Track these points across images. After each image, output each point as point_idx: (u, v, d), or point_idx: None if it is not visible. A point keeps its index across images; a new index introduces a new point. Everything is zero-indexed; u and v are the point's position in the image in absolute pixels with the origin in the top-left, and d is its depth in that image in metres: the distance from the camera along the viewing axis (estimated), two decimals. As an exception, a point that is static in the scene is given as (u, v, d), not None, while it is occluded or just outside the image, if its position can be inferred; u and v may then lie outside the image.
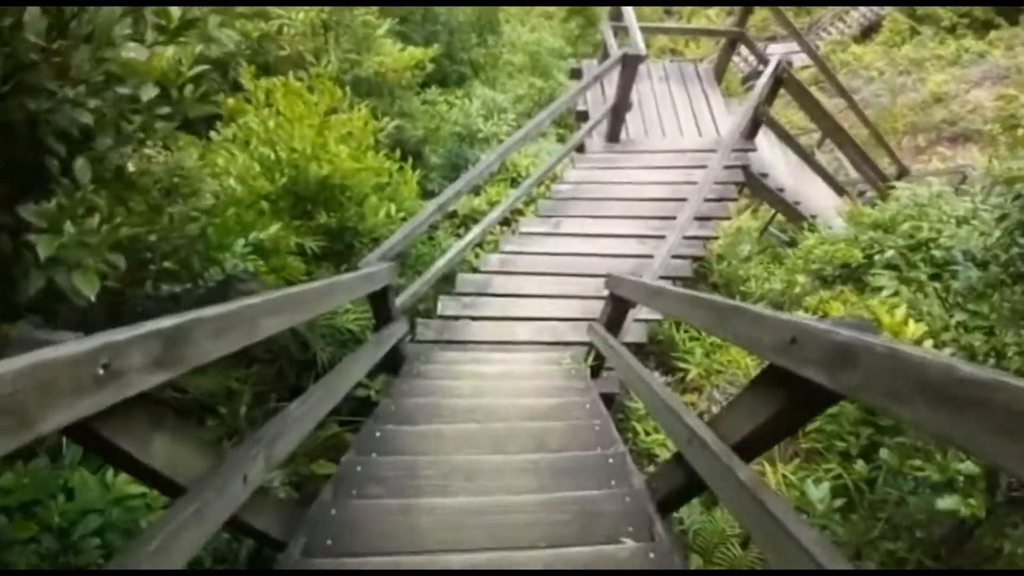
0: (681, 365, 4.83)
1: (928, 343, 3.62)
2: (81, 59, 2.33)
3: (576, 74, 8.47)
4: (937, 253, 3.41)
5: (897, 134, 17.77)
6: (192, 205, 3.61)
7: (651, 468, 3.71)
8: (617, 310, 3.83)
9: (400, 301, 4.53)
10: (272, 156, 5.02)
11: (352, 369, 2.98)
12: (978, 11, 22.77)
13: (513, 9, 21.07)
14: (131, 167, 3.22)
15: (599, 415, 3.45)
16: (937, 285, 3.44)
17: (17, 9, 2.27)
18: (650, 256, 5.40)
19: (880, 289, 5.33)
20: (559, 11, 16.06)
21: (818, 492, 2.62)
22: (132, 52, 2.37)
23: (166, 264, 3.75)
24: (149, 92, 2.67)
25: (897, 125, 18.02)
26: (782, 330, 1.44)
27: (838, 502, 2.64)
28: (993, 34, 21.17)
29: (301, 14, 6.28)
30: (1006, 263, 2.67)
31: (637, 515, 2.28)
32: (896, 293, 3.57)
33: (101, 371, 1.09)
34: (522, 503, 2.36)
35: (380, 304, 3.99)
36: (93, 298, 2.47)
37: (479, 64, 10.22)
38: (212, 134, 5.30)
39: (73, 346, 1.04)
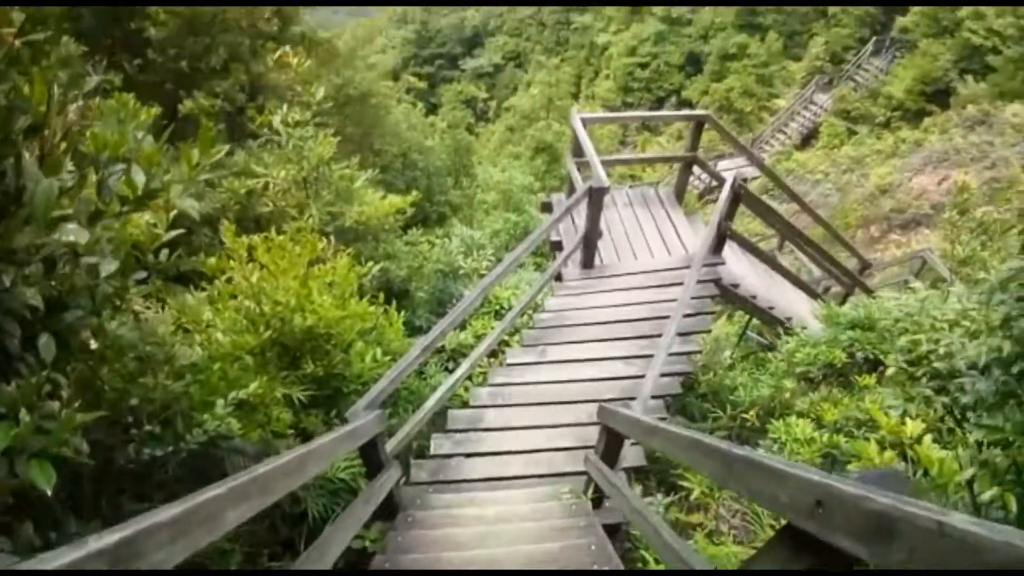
0: (684, 484, 4.51)
1: (928, 438, 3.39)
2: (23, 242, 2.19)
3: (547, 207, 8.62)
4: (939, 365, 3.24)
5: (851, 228, 18.13)
6: (166, 374, 3.39)
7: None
8: (612, 441, 3.57)
9: (391, 446, 4.24)
10: (257, 309, 4.87)
11: (338, 536, 2.67)
12: (910, 103, 23.99)
13: (484, 151, 22.01)
14: (94, 343, 3.02)
15: (604, 556, 3.12)
16: (944, 399, 3.23)
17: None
18: (638, 377, 5.20)
19: (867, 387, 5.14)
20: (526, 150, 16.75)
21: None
22: (72, 235, 2.23)
23: (147, 427, 3.50)
24: (108, 267, 2.53)
25: (849, 220, 18.40)
26: (805, 491, 1.20)
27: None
28: (927, 121, 22.08)
29: (283, 172, 6.37)
30: (1019, 374, 2.49)
31: None
32: (905, 412, 3.35)
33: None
34: None
35: (370, 454, 3.70)
36: (50, 491, 2.19)
37: (456, 204, 10.46)
38: (196, 291, 5.19)
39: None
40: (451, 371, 5.93)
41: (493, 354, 6.09)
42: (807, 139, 26.87)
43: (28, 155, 2.56)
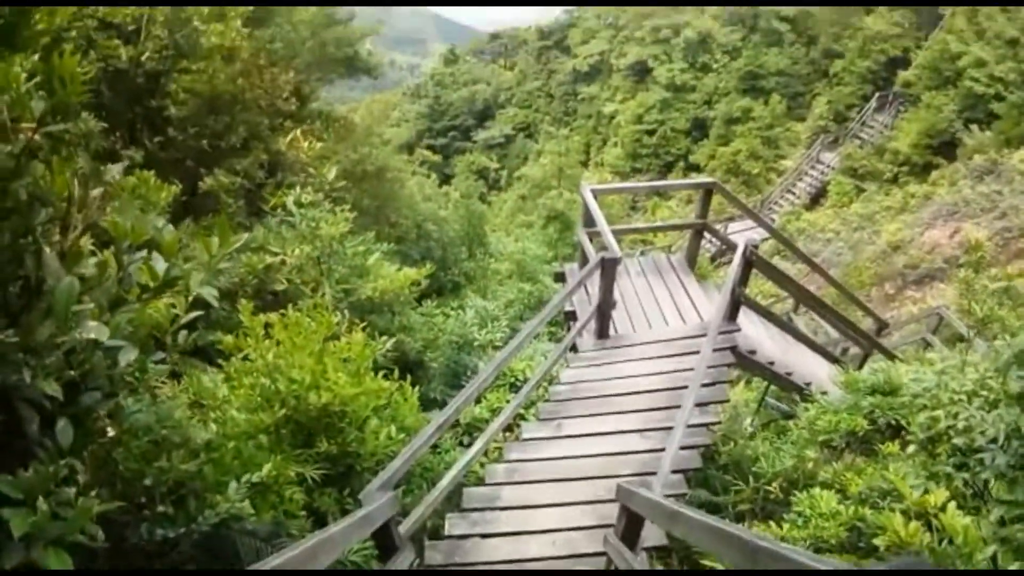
0: (708, 563, 4.33)
1: (952, 506, 3.25)
2: (43, 336, 2.22)
3: (560, 277, 8.65)
4: (959, 441, 3.15)
5: (865, 286, 17.92)
6: (180, 457, 3.36)
7: None
8: (631, 522, 3.46)
9: (405, 527, 4.13)
10: (272, 387, 4.86)
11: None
12: (916, 157, 23.98)
13: (497, 220, 22.35)
14: (111, 431, 3.02)
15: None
16: (965, 475, 3.14)
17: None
18: (657, 450, 5.08)
19: (890, 455, 4.98)
20: (538, 218, 17.00)
21: None
22: (92, 332, 2.26)
23: (160, 508, 3.45)
24: (128, 356, 2.55)
25: (863, 278, 18.19)
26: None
27: None
28: (935, 174, 21.99)
29: (297, 250, 6.48)
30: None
31: None
32: (926, 491, 3.25)
33: None
34: None
35: (383, 537, 3.61)
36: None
37: (470, 274, 10.55)
38: (212, 365, 5.21)
39: None
40: (466, 446, 5.85)
41: (509, 428, 6.00)
42: (816, 198, 27.01)
43: (49, 249, 2.61)
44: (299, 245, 6.57)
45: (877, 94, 28.18)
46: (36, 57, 2.66)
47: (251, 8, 10.28)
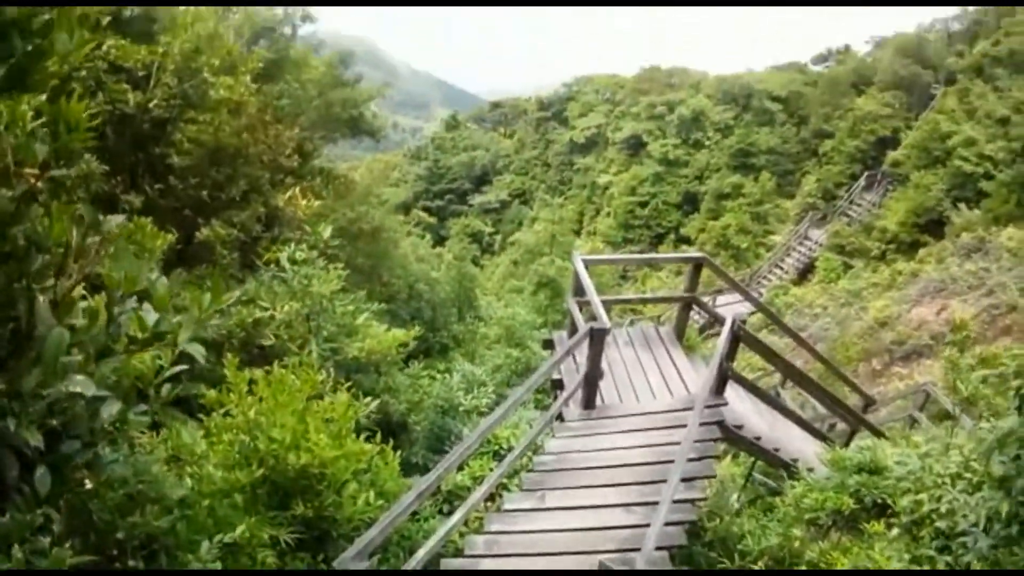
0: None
1: None
2: (30, 385, 2.20)
3: (548, 345, 8.63)
4: (942, 524, 3.12)
5: (852, 362, 17.89)
6: (154, 514, 3.27)
7: None
8: (615, 603, 3.35)
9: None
10: (252, 444, 4.76)
11: None
12: (904, 234, 24.35)
13: (489, 283, 22.48)
14: (89, 483, 2.95)
15: None
16: (948, 559, 3.09)
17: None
18: (641, 526, 4.96)
19: (876, 534, 4.91)
20: (529, 284, 17.11)
21: None
22: (78, 386, 2.24)
23: (132, 563, 3.34)
24: (110, 409, 2.51)
25: (850, 353, 18.17)
26: None
27: None
28: (922, 251, 22.20)
29: (287, 306, 6.47)
30: (1019, 532, 2.41)
31: None
32: None
33: None
34: None
35: (355, 609, 3.48)
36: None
37: (460, 337, 10.54)
38: (193, 417, 5.11)
39: None
40: (446, 514, 5.69)
41: (491, 497, 5.88)
42: (804, 273, 27.38)
43: (42, 296, 2.60)
44: (289, 301, 6.57)
45: (866, 173, 29.03)
46: (43, 97, 2.67)
47: (260, 63, 10.51)
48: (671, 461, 5.10)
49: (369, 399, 5.60)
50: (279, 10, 14.72)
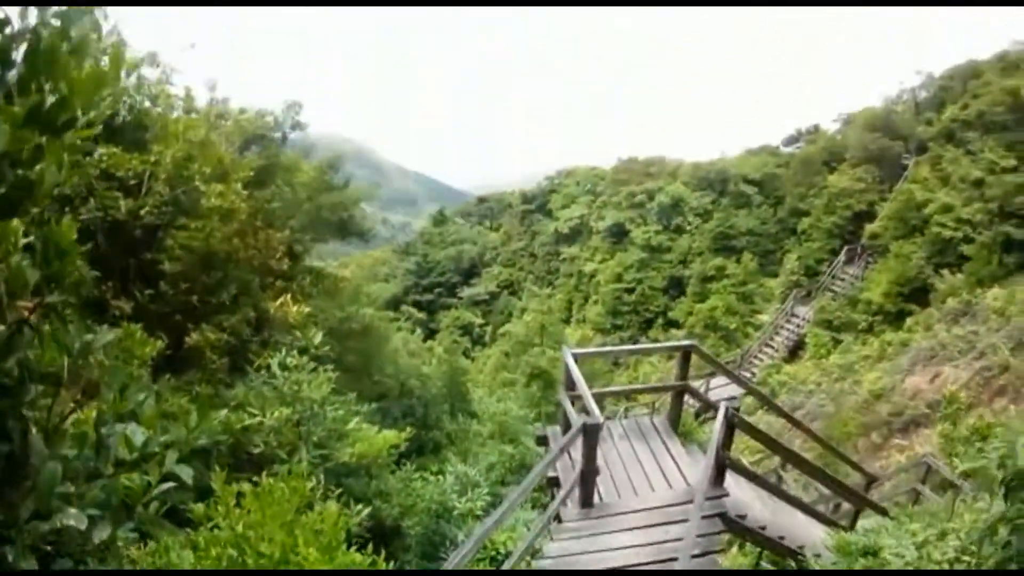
0: None
1: None
2: (26, 514, 2.15)
3: (542, 441, 8.48)
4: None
5: (851, 437, 17.51)
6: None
7: None
8: None
9: None
10: (239, 559, 4.56)
11: None
12: (889, 305, 24.29)
13: (480, 376, 22.29)
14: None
15: None
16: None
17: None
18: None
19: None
20: (521, 376, 17.01)
21: None
22: (72, 520, 2.21)
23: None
24: (101, 534, 2.44)
25: (848, 429, 17.81)
26: None
27: None
28: (909, 320, 22.06)
29: (276, 412, 6.36)
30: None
31: None
32: None
33: None
34: None
35: None
36: None
37: (452, 435, 10.34)
38: (179, 527, 4.89)
39: None
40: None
41: (488, 607, 5.61)
42: (794, 351, 27.28)
43: (35, 428, 2.57)
44: (279, 407, 6.46)
45: (846, 248, 29.41)
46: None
47: (251, 171, 10.71)
48: (674, 559, 4.92)
49: (360, 506, 5.43)
50: (270, 118, 15.24)
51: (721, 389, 20.79)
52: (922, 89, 33.65)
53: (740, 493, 7.71)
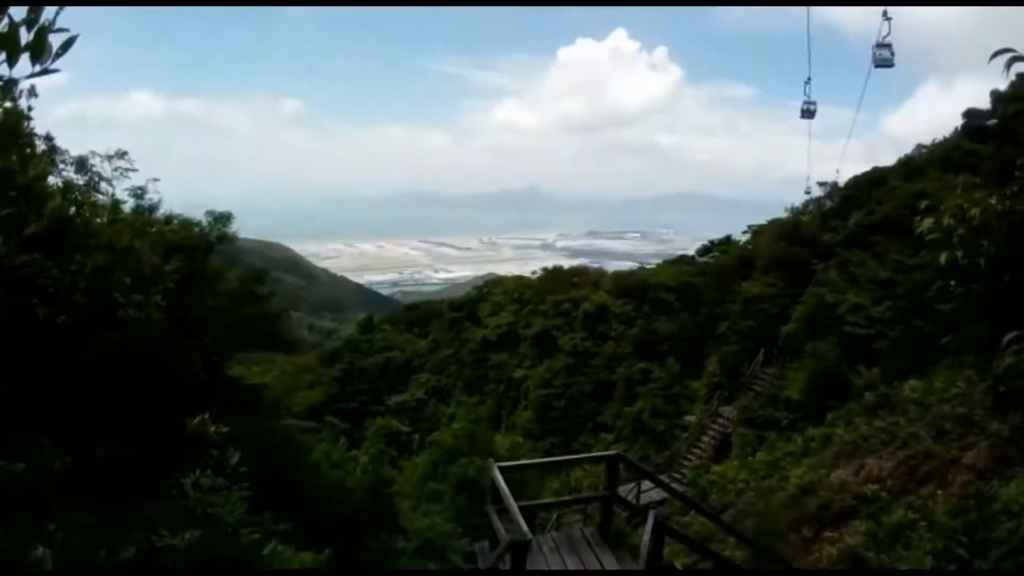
0: None
1: None
2: None
3: (471, 558, 8.20)
4: None
5: (783, 533, 17.54)
6: None
7: None
8: None
9: None
10: None
11: None
12: (807, 402, 24.76)
13: (408, 487, 21.39)
14: None
15: None
16: None
17: None
18: None
19: None
20: (449, 487, 16.49)
21: None
22: None
23: None
24: None
25: (780, 525, 17.84)
26: None
27: None
28: (830, 416, 22.37)
29: (188, 535, 5.89)
30: None
31: None
32: None
33: None
34: None
35: None
36: None
37: (377, 552, 9.80)
38: None
39: None
40: None
41: None
42: (721, 450, 27.54)
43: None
44: (190, 530, 6.01)
45: (763, 349, 30.38)
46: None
47: (172, 283, 10.47)
48: None
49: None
50: (196, 228, 15.04)
51: (654, 491, 20.65)
52: (827, 199, 36.60)
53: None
